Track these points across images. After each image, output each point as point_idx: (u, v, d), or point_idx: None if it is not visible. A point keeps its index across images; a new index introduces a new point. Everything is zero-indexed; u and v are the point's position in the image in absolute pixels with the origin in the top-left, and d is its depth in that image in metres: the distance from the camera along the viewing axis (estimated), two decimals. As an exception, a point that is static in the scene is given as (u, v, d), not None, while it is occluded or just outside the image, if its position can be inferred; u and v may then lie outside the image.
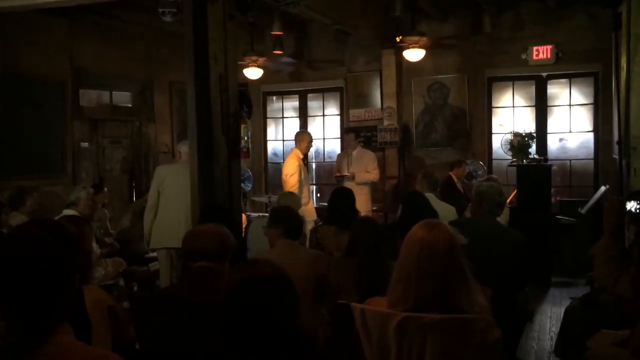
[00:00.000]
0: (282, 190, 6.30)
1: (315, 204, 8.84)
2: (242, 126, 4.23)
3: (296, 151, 6.61)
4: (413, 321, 1.89)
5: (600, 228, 5.55)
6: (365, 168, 6.87)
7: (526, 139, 6.66)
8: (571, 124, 7.72)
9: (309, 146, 6.74)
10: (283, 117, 9.44)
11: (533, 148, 6.93)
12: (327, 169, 9.01)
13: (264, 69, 7.89)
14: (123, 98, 7.73)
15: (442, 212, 4.75)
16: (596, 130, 7.54)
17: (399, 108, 8.19)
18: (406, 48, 7.19)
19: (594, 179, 7.55)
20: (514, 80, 7.92)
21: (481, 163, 7.76)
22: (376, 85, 8.44)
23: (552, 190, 6.94)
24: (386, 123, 8.15)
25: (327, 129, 9.11)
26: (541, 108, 7.80)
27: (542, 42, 7.46)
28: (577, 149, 7.74)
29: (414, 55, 7.13)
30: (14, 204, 5.33)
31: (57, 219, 2.47)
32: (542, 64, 7.51)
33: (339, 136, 8.93)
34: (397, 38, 7.38)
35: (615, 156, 6.05)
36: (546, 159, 7.07)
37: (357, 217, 4.51)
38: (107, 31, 7.11)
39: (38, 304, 1.32)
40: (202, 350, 2.08)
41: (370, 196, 6.93)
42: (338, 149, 8.78)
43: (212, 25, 4.11)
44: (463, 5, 7.64)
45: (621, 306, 3.03)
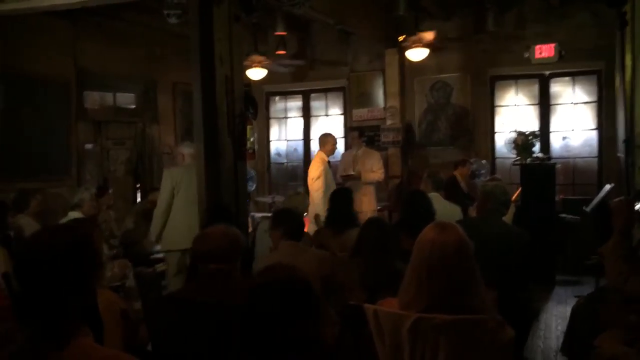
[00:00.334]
0: (292, 191, 6.31)
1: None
2: (248, 127, 4.23)
3: (320, 154, 6.64)
4: (426, 322, 1.89)
5: (605, 226, 5.57)
6: (370, 167, 6.88)
7: (530, 138, 6.66)
8: (574, 123, 7.72)
9: (334, 148, 6.74)
10: (286, 117, 9.44)
11: (537, 147, 6.93)
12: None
13: (268, 69, 7.89)
14: (126, 99, 7.74)
15: (447, 212, 4.75)
16: (600, 128, 7.54)
17: (402, 107, 8.19)
18: (409, 47, 7.19)
19: (598, 177, 7.55)
20: (517, 78, 7.93)
21: (484, 162, 7.76)
22: (379, 84, 8.44)
23: (556, 188, 6.94)
24: (389, 122, 8.16)
25: (331, 129, 9.10)
26: (544, 106, 7.80)
27: (545, 41, 7.44)
28: (581, 147, 7.74)
29: (417, 54, 7.13)
30: (19, 207, 5.34)
31: (67, 223, 2.48)
32: (545, 63, 7.49)
33: (343, 136, 8.93)
34: (400, 37, 7.39)
35: (620, 154, 6.05)
36: (550, 158, 7.08)
37: (356, 217, 4.53)
38: (110, 32, 7.11)
39: (57, 308, 1.33)
40: (214, 351, 2.09)
41: (375, 195, 6.94)
42: (341, 149, 8.78)
43: (218, 26, 4.12)
44: (465, 4, 7.64)
45: (629, 305, 3.03)
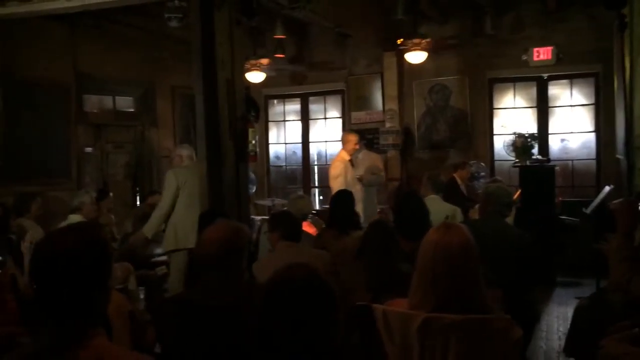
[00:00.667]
0: (295, 194, 6.31)
1: (317, 207, 8.88)
2: (250, 130, 4.24)
3: (342, 153, 6.63)
4: (435, 322, 1.90)
5: (604, 228, 5.59)
6: (371, 170, 6.90)
7: (529, 140, 6.69)
8: (572, 125, 7.76)
9: (355, 147, 6.68)
10: (285, 121, 9.46)
11: (536, 149, 6.96)
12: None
13: (266, 73, 7.91)
14: (126, 103, 7.74)
15: (447, 213, 4.77)
16: (597, 130, 7.58)
17: (401, 110, 8.23)
18: (407, 50, 7.22)
19: (596, 179, 7.59)
20: (515, 81, 7.97)
21: (483, 164, 7.79)
22: (377, 87, 8.47)
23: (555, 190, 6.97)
24: (388, 125, 8.19)
25: (329, 132, 9.14)
26: (542, 109, 7.84)
27: (543, 44, 7.50)
28: (579, 150, 7.78)
29: (416, 57, 7.16)
30: (19, 210, 5.33)
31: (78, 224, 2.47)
32: (543, 65, 7.55)
33: (341, 139, 8.93)
34: (399, 40, 7.42)
35: (619, 156, 6.09)
36: (549, 160, 7.11)
37: (358, 219, 4.54)
38: (109, 36, 7.11)
39: (76, 307, 1.33)
40: (223, 354, 2.09)
41: (376, 198, 6.95)
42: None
43: (219, 30, 4.14)
44: (463, 7, 7.68)
45: (632, 305, 3.05)
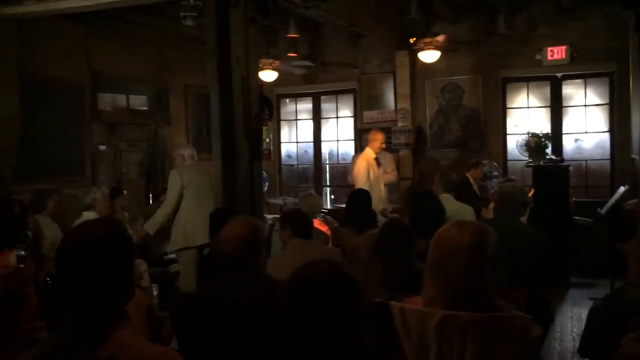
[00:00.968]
0: (304, 192, 6.34)
1: (329, 206, 8.90)
2: (265, 128, 4.26)
3: (367, 151, 6.63)
4: (453, 319, 1.90)
5: (619, 228, 5.56)
6: (384, 169, 6.90)
7: (543, 140, 6.65)
8: (586, 125, 7.71)
9: (381, 146, 6.68)
10: (297, 120, 9.48)
11: (549, 149, 6.92)
12: (341, 171, 9.03)
13: (278, 72, 7.92)
14: (139, 101, 7.79)
15: (460, 213, 4.75)
16: (612, 130, 7.52)
17: (413, 109, 8.21)
18: (420, 49, 7.20)
19: (610, 180, 7.53)
20: (529, 80, 7.92)
21: (495, 164, 7.76)
22: (390, 86, 8.45)
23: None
24: (400, 125, 8.17)
25: (341, 131, 9.14)
26: (556, 108, 7.79)
27: (557, 43, 7.45)
28: (593, 150, 7.72)
29: (429, 56, 7.15)
30: (36, 208, 5.40)
31: (99, 219, 2.50)
32: (557, 65, 7.50)
33: (353, 138, 8.95)
34: (411, 40, 7.40)
35: (634, 156, 6.04)
36: (563, 160, 7.06)
37: (375, 217, 4.57)
38: (124, 35, 7.16)
39: (100, 301, 1.35)
40: (243, 349, 2.11)
41: (387, 197, 6.95)
42: (352, 151, 8.81)
43: (234, 28, 4.16)
44: (477, 6, 7.65)
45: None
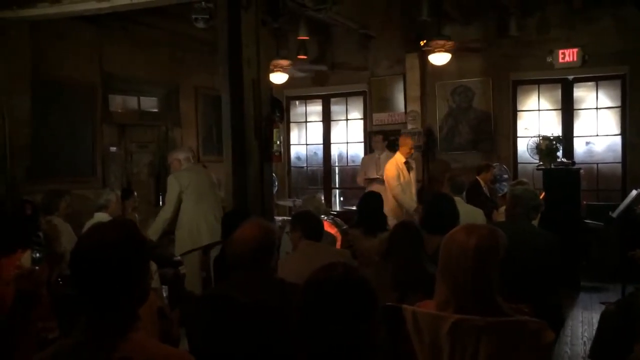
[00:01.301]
0: (308, 195, 6.39)
1: (338, 208, 8.89)
2: (275, 130, 4.27)
3: (397, 155, 6.67)
4: (466, 324, 1.90)
5: (631, 232, 5.51)
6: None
7: (554, 143, 6.61)
8: (598, 127, 7.66)
9: (410, 151, 6.72)
10: (306, 122, 9.48)
11: (560, 152, 6.88)
12: (350, 173, 9.03)
13: (288, 74, 7.93)
14: (150, 103, 7.82)
15: (470, 216, 4.73)
16: (623, 133, 7.47)
17: (423, 112, 8.18)
18: (431, 52, 7.19)
19: (622, 183, 7.47)
20: (540, 83, 7.88)
21: (505, 167, 7.73)
22: (400, 89, 8.44)
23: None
24: (410, 127, 8.15)
25: (351, 133, 9.14)
26: (567, 111, 7.74)
27: (568, 45, 7.40)
28: (604, 153, 7.67)
29: (440, 59, 7.13)
30: (48, 209, 5.42)
31: (113, 220, 2.51)
32: (568, 67, 7.45)
33: (362, 140, 8.95)
34: (422, 42, 7.39)
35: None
36: (574, 163, 7.01)
37: (386, 220, 4.57)
38: (135, 37, 7.21)
39: (116, 302, 1.35)
40: (255, 351, 2.11)
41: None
42: (361, 153, 8.81)
43: (246, 30, 4.18)
44: (488, 8, 7.62)
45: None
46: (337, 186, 9.34)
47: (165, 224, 5.36)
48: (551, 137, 6.77)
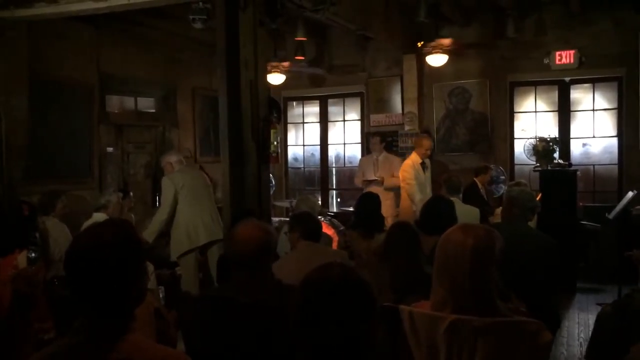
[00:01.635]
0: (303, 195, 6.39)
1: (335, 209, 8.90)
2: (272, 131, 4.27)
3: (414, 156, 6.70)
4: (463, 324, 1.90)
5: (627, 234, 5.53)
6: (392, 173, 6.91)
7: (551, 144, 6.63)
8: (595, 129, 7.68)
9: (426, 153, 6.75)
10: (304, 123, 9.49)
11: (557, 153, 6.90)
12: (347, 174, 9.03)
13: (286, 75, 7.94)
14: (147, 103, 7.82)
15: (466, 215, 4.76)
16: (620, 135, 7.49)
17: (420, 113, 8.20)
18: (428, 53, 7.20)
19: (618, 184, 7.50)
20: (537, 85, 7.90)
21: (502, 168, 7.74)
22: (397, 90, 8.45)
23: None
24: (407, 128, 8.17)
25: (348, 134, 9.14)
26: (564, 113, 7.76)
27: (565, 47, 7.43)
28: (601, 154, 7.70)
29: (437, 60, 7.15)
30: (44, 209, 5.41)
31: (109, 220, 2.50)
32: (565, 69, 7.49)
33: (360, 141, 8.95)
34: (419, 43, 7.40)
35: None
36: (570, 164, 7.04)
37: (384, 221, 4.58)
38: (132, 37, 7.20)
39: (111, 303, 1.35)
40: (253, 352, 2.11)
41: (394, 201, 6.95)
42: (359, 154, 8.81)
43: (243, 31, 4.17)
44: (485, 10, 7.64)
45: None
46: (335, 187, 9.34)
47: (161, 225, 5.42)
48: (548, 139, 6.79)
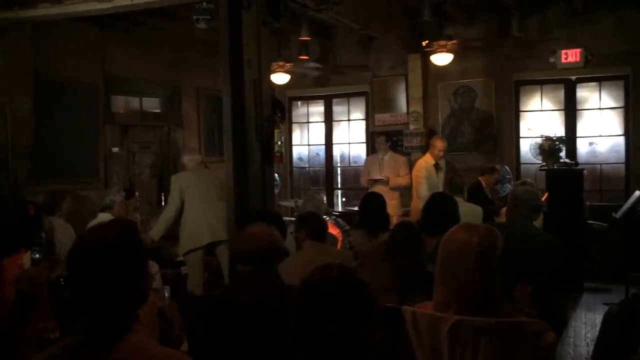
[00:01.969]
0: (309, 195, 6.39)
1: (340, 209, 8.88)
2: (276, 131, 4.27)
3: (427, 156, 6.75)
4: (466, 325, 1.88)
5: (634, 233, 5.50)
6: (397, 172, 6.91)
7: (557, 143, 6.59)
8: (601, 128, 7.63)
9: (439, 154, 6.77)
10: (308, 122, 9.48)
11: (563, 152, 6.86)
12: (352, 174, 9.02)
13: (290, 74, 7.93)
14: (152, 104, 7.83)
15: (469, 213, 4.75)
16: (627, 134, 7.44)
17: (425, 112, 8.17)
18: (433, 52, 7.18)
19: (625, 183, 7.45)
20: (542, 84, 7.86)
21: (507, 168, 7.70)
22: (402, 89, 8.43)
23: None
24: (412, 127, 8.14)
25: (352, 134, 9.13)
26: (570, 112, 7.72)
27: (571, 45, 7.38)
28: (607, 153, 7.65)
29: (442, 59, 7.12)
30: (49, 209, 5.42)
31: (113, 221, 2.51)
32: (571, 67, 7.43)
33: (364, 141, 8.94)
34: (424, 43, 7.38)
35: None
36: (577, 163, 6.99)
37: (390, 221, 4.57)
38: (137, 38, 7.21)
39: (113, 303, 1.35)
40: (255, 352, 2.10)
41: (400, 200, 6.94)
42: (363, 154, 8.80)
43: (247, 31, 4.16)
44: (490, 9, 7.60)
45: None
46: (339, 187, 9.33)
47: (167, 224, 5.42)
48: (554, 138, 6.75)
